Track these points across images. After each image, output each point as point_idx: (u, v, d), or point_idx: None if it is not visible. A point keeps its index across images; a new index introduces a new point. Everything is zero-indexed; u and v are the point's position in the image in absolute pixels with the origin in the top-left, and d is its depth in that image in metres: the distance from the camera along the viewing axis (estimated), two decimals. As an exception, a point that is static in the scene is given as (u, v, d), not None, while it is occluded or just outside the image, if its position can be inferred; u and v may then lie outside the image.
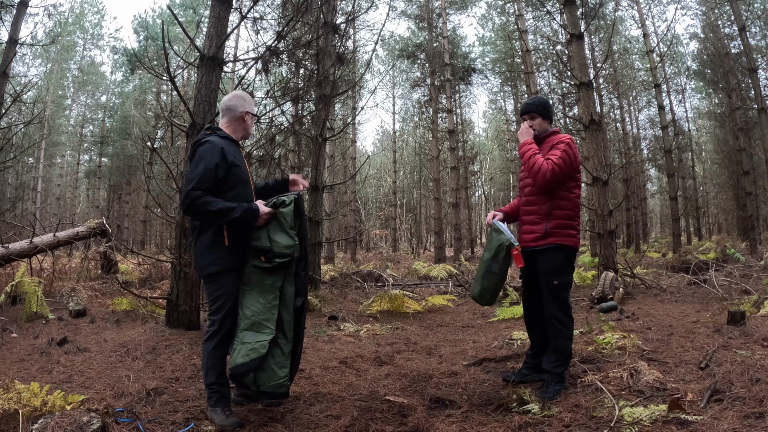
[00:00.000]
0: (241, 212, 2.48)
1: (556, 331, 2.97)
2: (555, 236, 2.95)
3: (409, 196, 31.41)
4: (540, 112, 3.09)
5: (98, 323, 4.80)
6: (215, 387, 2.53)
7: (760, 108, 11.55)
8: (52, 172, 26.74)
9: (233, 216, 2.46)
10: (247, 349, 2.49)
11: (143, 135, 15.74)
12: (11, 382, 2.59)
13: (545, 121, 3.11)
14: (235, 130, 2.72)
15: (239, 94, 2.79)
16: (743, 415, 2.32)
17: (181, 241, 4.35)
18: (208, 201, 2.44)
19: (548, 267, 2.97)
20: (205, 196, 2.45)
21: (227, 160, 2.53)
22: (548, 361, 2.99)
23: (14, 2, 8.46)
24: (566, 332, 2.97)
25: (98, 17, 26.50)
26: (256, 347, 2.49)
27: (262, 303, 2.56)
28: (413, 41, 20.00)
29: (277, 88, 6.78)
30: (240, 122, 2.72)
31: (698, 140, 26.38)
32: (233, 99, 2.73)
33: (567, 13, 7.37)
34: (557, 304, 2.97)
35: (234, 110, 2.71)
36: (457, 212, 17.20)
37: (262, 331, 2.53)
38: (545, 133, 3.10)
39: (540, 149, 3.05)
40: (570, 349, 3.02)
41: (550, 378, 2.92)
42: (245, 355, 2.48)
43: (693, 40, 21.84)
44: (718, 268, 7.89)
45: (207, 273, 2.56)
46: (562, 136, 3.04)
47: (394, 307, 5.90)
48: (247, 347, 2.50)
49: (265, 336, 2.52)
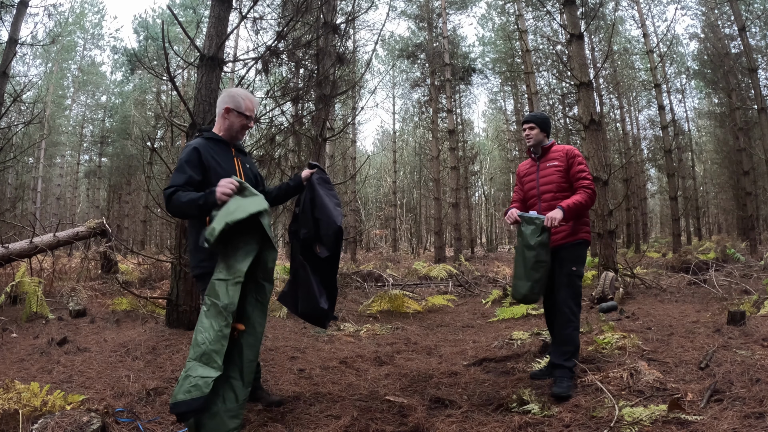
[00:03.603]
0: (203, 198, 2.30)
1: (566, 320, 3.03)
2: (580, 232, 3.16)
3: (409, 196, 31.40)
4: (539, 124, 3.32)
5: (98, 323, 4.80)
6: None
7: (760, 108, 11.55)
8: (52, 172, 26.72)
9: (199, 203, 2.29)
10: (189, 385, 2.05)
11: (143, 135, 15.75)
12: (11, 382, 2.59)
13: (542, 133, 3.33)
14: (220, 128, 2.61)
15: (227, 91, 2.66)
16: (743, 415, 2.32)
17: (181, 241, 4.35)
18: (179, 195, 2.32)
19: (570, 256, 3.13)
20: (178, 191, 2.33)
21: (201, 160, 2.43)
22: (557, 354, 3.02)
23: (14, 2, 8.46)
24: (575, 322, 3.06)
25: (98, 17, 26.52)
26: (199, 384, 2.05)
27: (214, 329, 2.14)
28: (413, 41, 20.00)
29: (277, 88, 6.78)
30: (222, 120, 2.60)
31: (698, 140, 26.38)
32: (220, 97, 2.65)
33: (567, 13, 7.37)
34: (571, 290, 3.08)
35: (219, 107, 2.61)
36: (457, 212, 17.19)
37: (211, 365, 2.10)
38: (542, 144, 3.33)
39: (544, 159, 3.30)
40: (578, 341, 3.10)
41: (562, 373, 2.94)
42: (187, 392, 2.05)
43: (693, 40, 21.89)
44: (718, 268, 7.88)
45: (194, 274, 2.54)
46: (568, 149, 3.26)
47: (394, 307, 5.90)
48: (190, 382, 2.06)
49: (211, 372, 2.09)
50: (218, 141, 2.57)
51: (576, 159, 3.21)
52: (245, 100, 2.59)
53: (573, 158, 3.21)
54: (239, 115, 2.58)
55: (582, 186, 3.14)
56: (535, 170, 3.36)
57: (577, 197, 3.08)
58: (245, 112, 2.59)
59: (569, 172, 3.21)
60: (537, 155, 3.38)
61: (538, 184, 3.29)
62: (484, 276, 9.29)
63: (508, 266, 11.36)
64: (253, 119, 2.69)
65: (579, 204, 3.06)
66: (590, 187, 3.13)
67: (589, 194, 3.10)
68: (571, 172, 3.20)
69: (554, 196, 3.20)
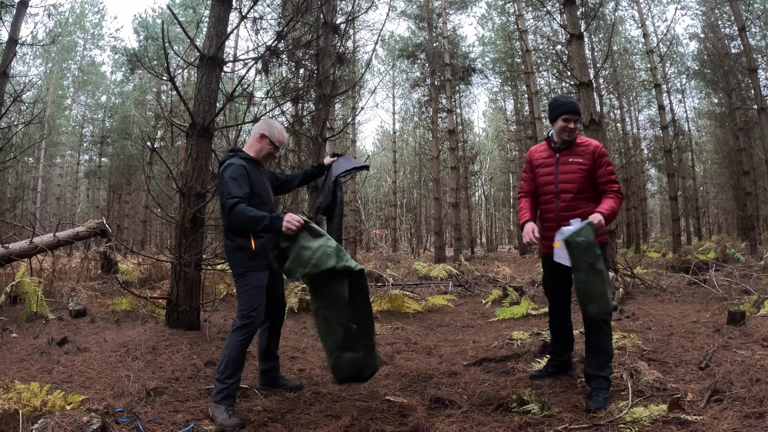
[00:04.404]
0: (269, 220, 2.52)
1: (598, 329, 2.79)
2: (600, 235, 2.86)
3: (409, 196, 31.40)
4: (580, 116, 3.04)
5: (98, 323, 4.80)
6: (228, 382, 2.61)
7: (760, 108, 11.54)
8: (52, 172, 26.71)
9: (264, 223, 2.51)
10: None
11: (143, 135, 15.74)
12: (11, 382, 2.58)
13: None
14: (251, 149, 2.92)
15: (266, 120, 3.04)
16: (743, 415, 2.32)
17: (181, 241, 4.34)
18: (243, 207, 2.56)
19: None
20: (240, 203, 2.57)
21: (249, 177, 2.74)
22: (593, 365, 2.77)
23: (14, 2, 8.45)
24: (608, 330, 2.84)
25: (98, 17, 26.50)
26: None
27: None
28: (413, 41, 20.00)
29: (277, 88, 6.77)
30: (256, 142, 2.93)
31: (698, 140, 26.36)
32: (259, 123, 3.01)
33: (567, 13, 7.37)
34: None
35: (255, 131, 2.96)
36: (457, 212, 17.19)
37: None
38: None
39: (567, 152, 2.98)
40: (612, 350, 2.87)
41: (599, 384, 2.71)
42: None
43: (693, 40, 21.87)
44: (718, 268, 7.88)
45: (237, 273, 2.78)
46: (595, 146, 2.95)
47: (394, 307, 5.90)
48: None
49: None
50: (252, 161, 2.88)
51: (604, 159, 2.93)
52: (279, 133, 2.96)
53: (601, 158, 2.93)
54: (270, 143, 2.93)
55: (612, 190, 2.89)
56: (554, 163, 3.00)
57: (611, 203, 2.82)
58: (275, 143, 2.94)
59: (595, 172, 2.93)
60: (557, 145, 3.02)
61: (557, 180, 2.97)
62: (484, 276, 9.29)
63: (508, 266, 11.35)
64: (280, 151, 3.06)
65: (614, 211, 2.82)
66: (620, 192, 2.90)
67: (620, 199, 2.88)
68: (598, 172, 2.93)
69: (574, 197, 2.92)
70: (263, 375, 3.12)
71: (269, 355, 3.11)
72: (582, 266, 2.65)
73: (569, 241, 2.67)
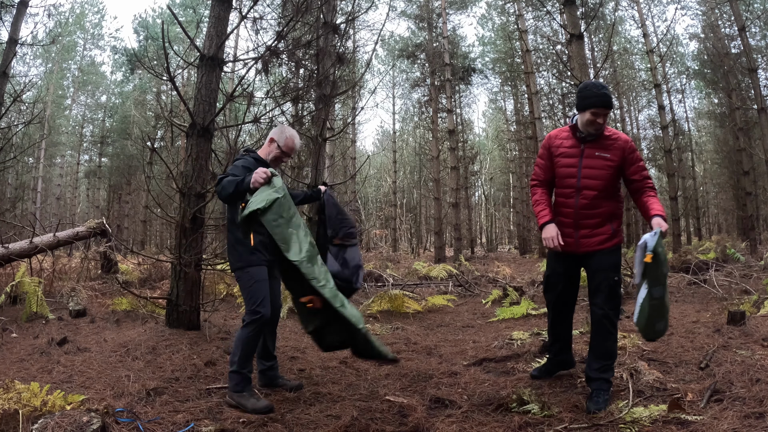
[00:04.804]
0: (242, 179, 2.75)
1: (606, 333, 2.73)
2: (618, 236, 2.80)
3: (409, 196, 31.40)
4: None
5: (98, 323, 4.80)
6: (244, 371, 2.74)
7: (760, 108, 11.54)
8: (52, 172, 26.70)
9: (237, 182, 2.72)
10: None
11: (143, 135, 15.74)
12: (11, 382, 2.58)
13: None
14: (263, 150, 3.11)
15: (282, 126, 3.20)
16: (743, 415, 2.32)
17: (181, 241, 4.34)
18: (228, 178, 2.76)
19: (610, 264, 2.78)
20: (228, 176, 2.77)
21: (250, 171, 2.83)
22: (595, 368, 2.72)
23: (14, 2, 8.45)
24: (615, 334, 2.80)
25: (98, 17, 26.47)
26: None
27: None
28: (413, 41, 19.99)
29: (277, 88, 6.77)
30: (268, 145, 3.12)
31: (698, 140, 26.35)
32: (276, 127, 3.18)
33: (567, 13, 7.36)
34: (613, 302, 2.77)
35: (270, 135, 3.14)
36: (457, 212, 17.19)
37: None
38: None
39: (594, 145, 2.75)
40: (616, 352, 2.83)
41: (600, 386, 2.68)
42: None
43: (693, 40, 21.85)
44: (718, 268, 7.88)
45: (235, 268, 2.88)
46: (624, 140, 2.76)
47: (394, 307, 5.90)
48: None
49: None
50: (262, 162, 3.06)
51: (635, 154, 2.73)
52: (288, 139, 3.07)
53: (632, 153, 2.72)
54: (278, 148, 3.07)
55: (649, 186, 2.73)
56: (578, 154, 2.76)
57: (659, 203, 2.67)
58: (283, 148, 3.07)
59: (623, 169, 2.74)
60: (583, 135, 2.77)
61: (580, 174, 2.74)
62: (484, 276, 9.29)
63: (508, 266, 11.36)
64: (289, 157, 3.22)
65: (657, 203, 2.67)
66: (655, 188, 2.76)
67: (655, 190, 2.74)
68: (630, 169, 2.74)
69: (597, 195, 2.73)
70: (262, 375, 3.14)
71: (267, 354, 3.14)
72: (662, 281, 2.49)
73: (658, 253, 2.42)
